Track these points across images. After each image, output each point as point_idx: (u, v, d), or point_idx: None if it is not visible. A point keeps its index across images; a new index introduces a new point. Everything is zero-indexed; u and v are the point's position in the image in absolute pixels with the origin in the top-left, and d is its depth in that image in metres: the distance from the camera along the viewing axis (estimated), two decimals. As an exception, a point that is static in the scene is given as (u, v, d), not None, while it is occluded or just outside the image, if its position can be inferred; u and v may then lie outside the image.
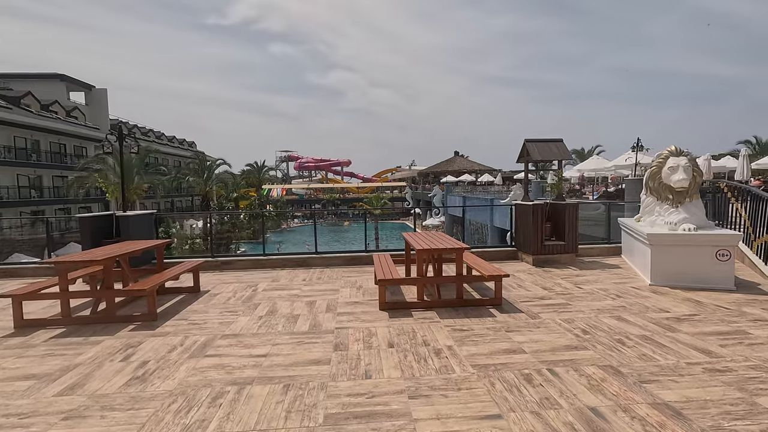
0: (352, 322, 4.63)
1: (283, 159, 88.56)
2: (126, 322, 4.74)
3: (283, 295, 5.90)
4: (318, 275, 7.17)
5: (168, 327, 4.60)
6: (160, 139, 53.72)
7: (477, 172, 55.48)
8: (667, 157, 6.37)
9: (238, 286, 6.43)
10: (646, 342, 3.90)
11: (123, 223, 7.16)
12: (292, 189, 68.56)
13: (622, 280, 6.38)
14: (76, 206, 34.64)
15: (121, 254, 5.15)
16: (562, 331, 4.24)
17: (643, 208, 6.90)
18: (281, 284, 6.56)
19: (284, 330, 4.43)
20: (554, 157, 7.93)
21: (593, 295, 5.57)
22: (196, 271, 6.16)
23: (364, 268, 7.68)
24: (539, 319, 4.63)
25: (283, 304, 5.40)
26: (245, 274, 7.32)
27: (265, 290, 6.19)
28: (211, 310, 5.21)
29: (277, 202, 53.62)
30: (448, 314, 4.85)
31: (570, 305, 5.12)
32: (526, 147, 8.00)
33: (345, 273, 7.29)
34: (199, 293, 6.07)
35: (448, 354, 3.72)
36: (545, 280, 6.50)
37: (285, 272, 7.43)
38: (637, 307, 4.98)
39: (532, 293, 5.72)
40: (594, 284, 6.13)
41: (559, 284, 6.20)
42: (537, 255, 7.66)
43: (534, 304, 5.18)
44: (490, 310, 4.96)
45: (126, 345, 4.09)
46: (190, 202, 53.53)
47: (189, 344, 4.07)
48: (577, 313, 4.79)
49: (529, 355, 3.66)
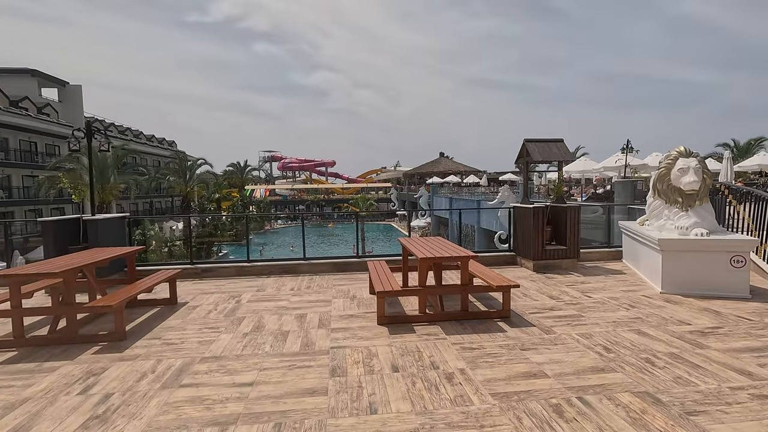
0: (349, 340, 4.15)
1: (267, 159, 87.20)
2: (89, 343, 4.15)
3: (270, 307, 5.37)
4: (307, 283, 6.66)
5: (138, 348, 4.03)
6: (138, 138, 52.03)
7: (462, 173, 55.48)
8: (676, 158, 6.08)
9: (219, 297, 5.87)
10: (677, 361, 3.53)
11: (91, 228, 6.51)
12: (276, 190, 67.43)
13: (631, 287, 6.06)
14: (48, 207, 33.12)
15: (85, 264, 4.55)
16: (582, 348, 3.85)
17: (649, 211, 6.60)
18: (267, 294, 6.02)
19: (273, 350, 3.92)
20: (555, 157, 7.60)
21: (605, 305, 5.22)
22: (173, 280, 5.58)
23: (356, 275, 7.20)
24: (554, 334, 4.23)
25: (270, 319, 4.88)
26: (228, 283, 6.76)
27: (249, 302, 5.65)
28: (189, 327, 4.65)
29: (260, 203, 52.56)
30: (454, 329, 4.41)
31: (583, 317, 4.75)
32: (526, 147, 7.64)
33: (336, 281, 6.79)
34: (176, 305, 5.50)
35: (462, 379, 3.27)
36: (550, 288, 6.13)
37: (271, 280, 6.89)
38: (655, 319, 4.63)
39: (540, 303, 5.33)
40: (602, 292, 5.79)
41: (565, 293, 5.83)
42: (538, 260, 7.31)
43: (544, 316, 4.79)
44: (498, 324, 4.54)
45: (87, 372, 3.52)
46: (170, 203, 52.03)
47: (162, 370, 3.52)
48: (593, 327, 4.41)
49: (553, 379, 3.25)
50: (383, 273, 5.37)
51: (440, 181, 48.79)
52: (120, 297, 4.27)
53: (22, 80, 38.16)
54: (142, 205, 49.17)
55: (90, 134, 6.77)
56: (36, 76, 39.51)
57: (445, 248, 5.05)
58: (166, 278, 5.39)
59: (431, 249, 4.98)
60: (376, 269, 5.63)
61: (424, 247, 5.12)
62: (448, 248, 5.05)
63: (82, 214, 6.50)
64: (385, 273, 5.37)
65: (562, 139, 7.78)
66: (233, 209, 44.78)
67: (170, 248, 26.44)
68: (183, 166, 37.27)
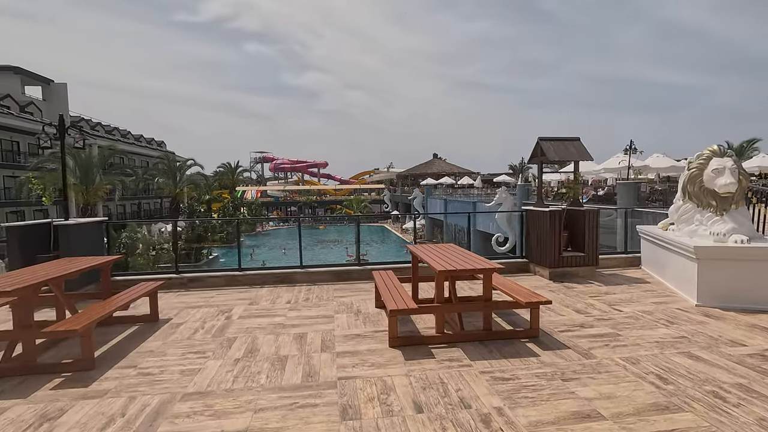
0: (359, 368, 3.55)
1: (258, 160, 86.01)
2: (50, 374, 3.50)
3: (265, 324, 4.75)
4: (305, 295, 6.04)
5: (108, 380, 3.39)
6: (126, 138, 50.79)
7: (456, 174, 55.12)
8: (709, 158, 5.59)
9: (207, 312, 5.23)
10: (751, 395, 2.99)
11: (63, 234, 5.83)
12: (267, 191, 66.45)
13: (661, 299, 5.54)
14: (31, 209, 31.96)
15: (51, 278, 3.90)
16: (633, 378, 3.29)
17: (678, 215, 6.09)
18: (261, 308, 5.40)
19: (269, 383, 3.31)
20: (572, 157, 7.08)
21: (639, 320, 4.68)
22: (154, 294, 4.93)
23: (358, 284, 6.60)
24: (594, 358, 3.68)
25: (265, 340, 4.26)
26: (217, 295, 6.11)
27: (241, 317, 5.02)
28: (170, 350, 4.02)
29: (251, 205, 51.61)
30: (478, 353, 3.83)
31: (620, 336, 4.20)
32: (541, 146, 7.11)
33: (336, 292, 6.18)
34: (158, 323, 4.85)
35: (502, 423, 2.69)
36: (573, 299, 5.59)
37: (265, 291, 6.26)
38: (702, 339, 4.10)
39: (567, 318, 4.78)
40: (632, 305, 5.26)
41: (591, 305, 5.29)
42: (554, 268, 6.77)
43: (577, 335, 4.23)
44: (528, 346, 3.98)
45: (41, 416, 2.88)
46: (159, 204, 50.88)
47: (134, 413, 2.89)
48: (636, 349, 3.87)
49: (612, 422, 2.68)
50: (392, 285, 4.78)
51: (434, 183, 48.33)
52: (88, 318, 3.62)
53: (5, 77, 36.95)
54: (130, 206, 47.99)
55: (63, 130, 6.09)
56: (19, 73, 38.31)
57: (462, 258, 4.48)
58: (146, 292, 4.74)
59: (448, 259, 4.40)
60: (383, 280, 5.04)
61: (439, 257, 4.54)
62: (466, 258, 4.48)
63: (53, 218, 5.81)
64: (394, 285, 4.78)
65: (578, 137, 7.27)
66: (224, 211, 43.79)
67: (158, 252, 25.55)
68: (172, 167, 36.27)
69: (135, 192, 47.80)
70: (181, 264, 26.91)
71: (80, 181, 23.86)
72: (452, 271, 3.93)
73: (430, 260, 4.32)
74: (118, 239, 22.83)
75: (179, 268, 6.83)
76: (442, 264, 4.11)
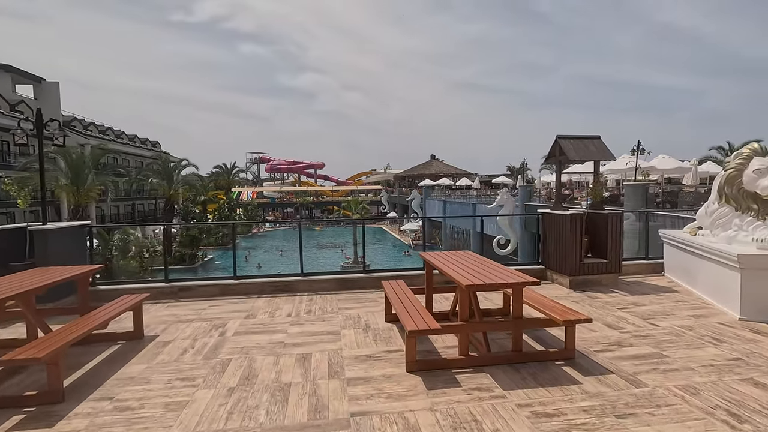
0: (374, 400, 3.03)
1: (254, 161, 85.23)
2: (12, 407, 2.97)
3: (263, 342, 4.22)
4: (306, 306, 5.52)
5: (77, 418, 2.86)
6: (119, 138, 50.01)
7: (454, 176, 54.73)
8: (749, 157, 5.13)
9: (199, 328, 4.70)
10: None
11: (40, 240, 5.28)
12: (264, 192, 65.77)
13: (696, 311, 5.06)
14: (22, 211, 31.20)
15: (15, 294, 3.37)
16: (699, 413, 2.80)
17: (711, 219, 5.62)
18: (259, 322, 4.87)
19: (270, 421, 2.79)
20: (592, 156, 6.60)
21: (682, 337, 4.20)
22: (139, 308, 4.39)
23: (364, 294, 6.09)
24: (646, 387, 3.18)
25: (264, 363, 3.74)
26: (210, 306, 5.58)
27: (237, 334, 4.49)
28: (155, 376, 3.49)
29: (247, 206, 50.93)
30: (510, 379, 3.33)
31: (666, 357, 3.72)
32: (560, 145, 6.63)
33: (341, 302, 5.67)
34: (142, 341, 4.31)
35: (558, 480, 2.19)
36: (600, 311, 5.11)
37: (263, 302, 5.73)
38: (762, 361, 3.62)
39: (600, 335, 4.29)
40: (668, 319, 4.78)
41: (623, 319, 4.81)
42: (575, 276, 6.29)
43: (617, 356, 3.74)
44: (565, 371, 3.48)
45: (-10, 470, 2.35)
46: (153, 205, 50.12)
47: (105, 465, 2.36)
48: (690, 374, 3.38)
49: (692, 478, 2.19)
50: (405, 298, 4.28)
51: (432, 184, 47.87)
52: (56, 342, 3.09)
53: (-5, 76, 36.15)
54: (124, 208, 47.27)
55: (41, 126, 5.55)
56: (10, 71, 37.49)
57: (486, 269, 3.98)
58: (129, 306, 4.20)
59: (471, 271, 3.90)
60: (394, 292, 4.53)
61: (459, 267, 4.04)
62: (490, 269, 3.97)
63: (29, 223, 5.27)
64: (408, 298, 4.27)
65: (598, 135, 6.80)
66: (219, 212, 43.10)
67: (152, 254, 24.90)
68: (166, 168, 35.53)
69: (129, 193, 47.12)
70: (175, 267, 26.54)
71: (71, 182, 23.18)
72: (479, 286, 3.42)
73: (452, 272, 3.82)
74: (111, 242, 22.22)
75: (169, 275, 6.29)
76: (467, 277, 3.60)
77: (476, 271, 3.85)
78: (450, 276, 3.76)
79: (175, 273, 26.22)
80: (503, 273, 3.75)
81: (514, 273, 3.75)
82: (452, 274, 3.73)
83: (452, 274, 3.74)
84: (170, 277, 6.24)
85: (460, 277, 3.60)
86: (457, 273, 3.76)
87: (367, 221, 29.16)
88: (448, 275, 3.84)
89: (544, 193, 25.17)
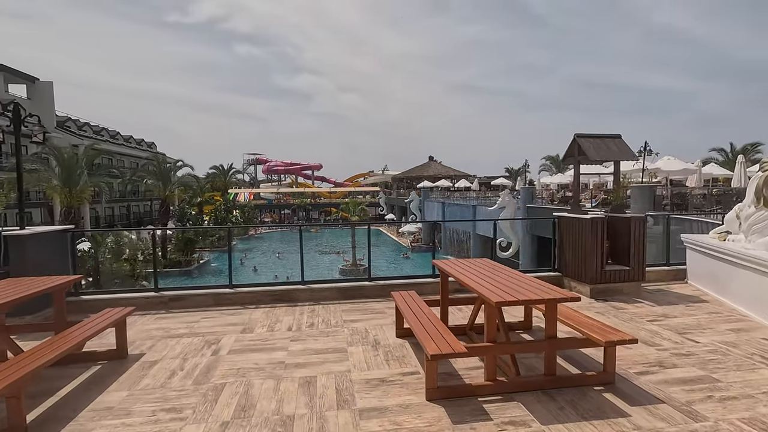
0: (393, 438, 2.59)
1: (251, 162, 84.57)
2: (-37, 450, 2.51)
3: (262, 363, 3.77)
4: (308, 318, 5.07)
5: (41, 464, 2.40)
6: (115, 139, 49.40)
7: (453, 177, 54.38)
8: (791, 156, 4.71)
9: (189, 345, 4.24)
10: None
11: (16, 247, 4.81)
12: (261, 193, 65.19)
13: (734, 324, 4.65)
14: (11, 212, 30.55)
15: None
16: (778, 456, 2.37)
17: (748, 224, 5.22)
18: (257, 338, 4.41)
19: (270, 468, 2.34)
20: (614, 156, 6.19)
21: (728, 356, 3.78)
22: (122, 324, 3.93)
23: (368, 304, 5.65)
24: (706, 420, 2.75)
25: (263, 388, 3.28)
26: (203, 318, 5.11)
27: (232, 352, 4.04)
28: (137, 407, 3.03)
29: (244, 208, 50.34)
30: (547, 410, 2.90)
31: (718, 382, 3.29)
32: (578, 144, 6.22)
33: (346, 314, 5.22)
34: (126, 361, 3.85)
35: None
36: (629, 324, 4.69)
37: (260, 313, 5.28)
38: (827, 386, 3.20)
39: (637, 353, 3.86)
40: (705, 334, 4.36)
41: (656, 333, 4.39)
42: (595, 284, 5.87)
43: (662, 380, 3.31)
44: (607, 399, 3.05)
45: None
46: (149, 207, 49.50)
47: None
48: (752, 404, 2.96)
49: None
50: (420, 312, 3.84)
51: (430, 186, 47.44)
52: (19, 370, 2.63)
53: (-13, 75, 35.51)
54: (119, 209, 46.63)
55: (18, 122, 5.08)
56: (2, 70, 36.84)
57: (513, 281, 3.54)
58: (111, 322, 3.74)
59: (495, 283, 3.46)
60: (407, 305, 4.10)
61: (482, 279, 3.60)
62: (518, 282, 3.54)
63: (2, 228, 4.79)
64: (423, 312, 3.84)
65: (619, 134, 6.39)
66: (216, 213, 42.51)
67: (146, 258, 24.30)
68: (162, 168, 34.95)
69: (124, 194, 46.45)
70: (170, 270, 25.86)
71: (63, 183, 22.61)
72: (512, 302, 2.98)
73: (476, 285, 3.38)
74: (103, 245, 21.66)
75: (163, 280, 5.83)
76: (494, 291, 3.16)
77: (502, 284, 3.42)
78: (474, 289, 3.32)
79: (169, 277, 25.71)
80: (535, 287, 3.31)
81: (549, 287, 3.31)
82: (476, 287, 3.28)
83: (476, 287, 3.30)
84: (162, 283, 5.79)
85: (487, 291, 3.16)
86: (482, 286, 3.32)
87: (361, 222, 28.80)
88: (470, 288, 3.40)
89: (545, 195, 24.75)
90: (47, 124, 37.22)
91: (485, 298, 3.05)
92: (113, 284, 18.36)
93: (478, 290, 3.22)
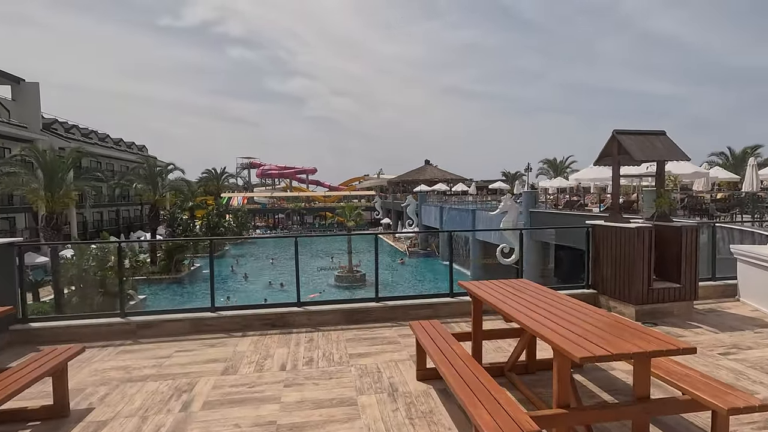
0: None
1: (245, 166, 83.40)
2: None
3: (246, 423, 2.85)
4: (306, 352, 4.16)
5: None
6: (104, 141, 48.10)
7: (449, 181, 53.67)
8: None
9: (154, 394, 3.31)
10: None
11: (-59, 266, 3.86)
12: (254, 197, 64.01)
13: (827, 358, 3.81)
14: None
15: None
16: None
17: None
18: (241, 381, 3.50)
19: None
20: (659, 156, 5.36)
21: None
22: (63, 370, 2.99)
23: (376, 330, 4.76)
24: None
25: (244, 471, 2.37)
26: (177, 352, 4.18)
27: (208, 405, 3.11)
28: (62, 507, 2.10)
29: (237, 212, 49.17)
30: None
31: None
32: (618, 141, 5.38)
33: (351, 343, 4.32)
34: (65, 422, 2.91)
35: None
36: (698, 360, 3.83)
37: (248, 344, 4.35)
38: None
39: (730, 405, 2.99)
40: (801, 373, 3.51)
41: (739, 372, 3.53)
42: (642, 305, 5.02)
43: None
44: (731, 489, 2.17)
45: None
46: (139, 211, 48.20)
47: None
48: None
49: None
50: (450, 351, 2.97)
51: (427, 189, 46.61)
52: None
53: (-31, 75, 34.29)
54: (108, 214, 45.29)
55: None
56: (-15, 71, 35.64)
57: (575, 314, 2.66)
58: (50, 369, 2.82)
59: (559, 320, 2.57)
60: (432, 340, 3.23)
61: (533, 311, 2.72)
62: (584, 315, 2.66)
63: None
64: (455, 352, 2.96)
65: (663, 131, 5.57)
66: (208, 218, 41.32)
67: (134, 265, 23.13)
68: (152, 172, 33.81)
69: (113, 198, 45.07)
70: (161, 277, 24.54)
71: (45, 187, 21.47)
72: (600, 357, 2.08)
73: (534, 324, 2.49)
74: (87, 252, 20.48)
75: (149, 288, 4.91)
76: (567, 337, 2.26)
77: (565, 320, 2.53)
78: (532, 329, 2.43)
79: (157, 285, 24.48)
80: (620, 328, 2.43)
81: (653, 333, 2.41)
82: (536, 328, 2.39)
83: (535, 326, 2.41)
84: (151, 292, 4.87)
85: (557, 336, 2.27)
86: (545, 326, 2.43)
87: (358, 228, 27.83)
88: (522, 324, 2.52)
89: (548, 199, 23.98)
90: (32, 126, 36.03)
91: (560, 348, 2.16)
92: (97, 297, 17.20)
93: (543, 333, 2.33)
